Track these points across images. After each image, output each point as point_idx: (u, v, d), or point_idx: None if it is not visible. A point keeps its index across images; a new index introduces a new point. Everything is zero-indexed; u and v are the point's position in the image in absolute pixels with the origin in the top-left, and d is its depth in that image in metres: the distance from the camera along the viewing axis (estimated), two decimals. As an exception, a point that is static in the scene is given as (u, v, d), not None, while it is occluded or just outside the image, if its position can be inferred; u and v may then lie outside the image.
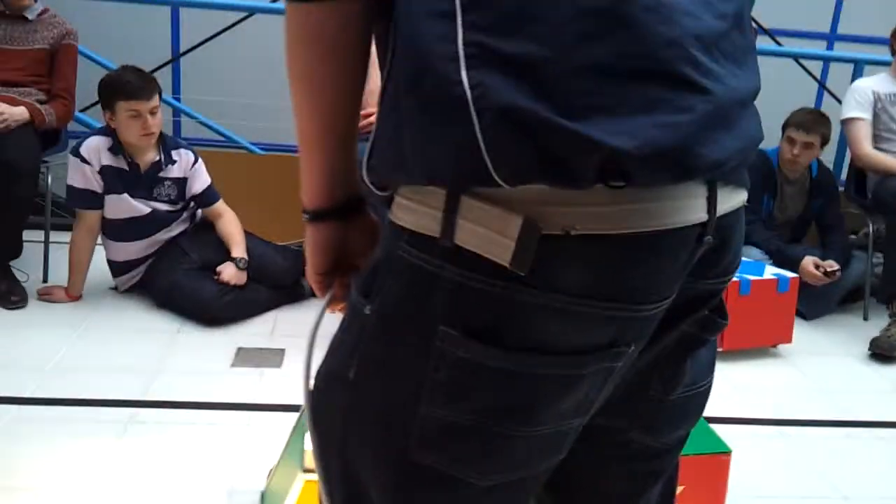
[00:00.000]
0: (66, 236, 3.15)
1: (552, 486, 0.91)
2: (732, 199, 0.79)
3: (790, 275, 3.14)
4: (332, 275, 0.91)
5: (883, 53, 4.09)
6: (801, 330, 3.28)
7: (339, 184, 0.87)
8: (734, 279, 2.94)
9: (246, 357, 2.76)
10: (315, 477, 1.44)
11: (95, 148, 3.06)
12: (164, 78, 3.93)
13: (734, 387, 2.84)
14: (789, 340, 3.16)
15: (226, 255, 3.17)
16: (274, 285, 3.20)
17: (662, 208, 0.70)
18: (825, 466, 2.33)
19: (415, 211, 0.73)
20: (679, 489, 1.57)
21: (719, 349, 2.97)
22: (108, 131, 3.08)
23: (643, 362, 0.82)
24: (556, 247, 0.68)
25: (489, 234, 0.68)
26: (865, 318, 3.64)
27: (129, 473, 2.01)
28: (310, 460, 1.51)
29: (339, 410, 0.79)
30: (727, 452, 1.64)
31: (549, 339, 0.71)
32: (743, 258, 3.32)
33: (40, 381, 2.48)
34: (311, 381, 0.86)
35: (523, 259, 0.68)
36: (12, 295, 3.04)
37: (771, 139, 3.63)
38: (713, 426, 2.47)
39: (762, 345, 3.16)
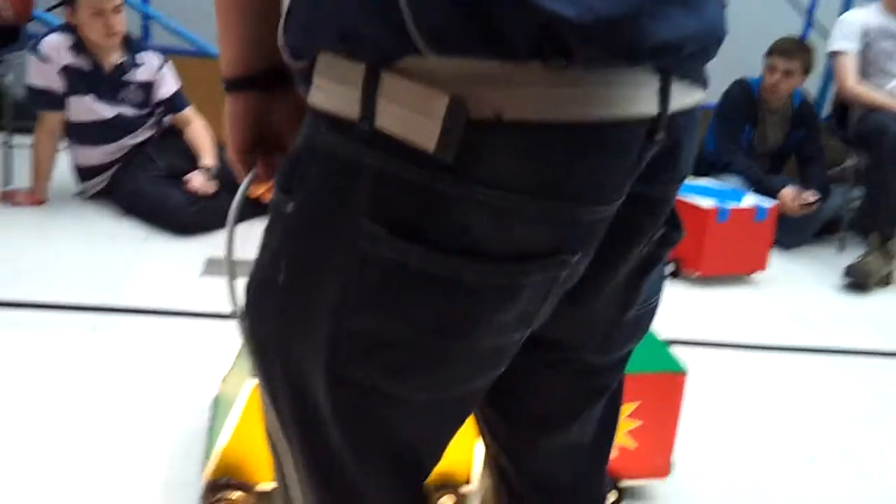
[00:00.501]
0: (28, 139, 3.02)
1: (491, 399, 0.86)
2: (688, 96, 0.70)
3: (768, 203, 3.12)
4: (253, 153, 0.83)
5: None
6: (776, 259, 3.29)
7: (259, 50, 0.78)
8: (713, 206, 2.94)
9: (215, 267, 2.69)
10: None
11: (56, 45, 2.92)
12: (131, -21, 3.75)
13: (706, 312, 2.84)
14: (764, 268, 3.16)
15: (194, 164, 3.07)
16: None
17: (608, 96, 0.62)
18: (786, 391, 2.35)
19: (332, 91, 0.65)
20: (633, 405, 1.61)
21: (696, 274, 3.00)
22: (69, 28, 2.93)
23: (606, 281, 0.76)
24: (486, 134, 0.60)
25: (412, 115, 0.61)
26: (841, 250, 3.65)
27: (91, 378, 1.95)
28: None
29: (272, 318, 0.73)
30: (682, 372, 1.64)
31: (482, 240, 0.64)
32: (722, 186, 3.32)
33: (5, 284, 2.40)
34: (237, 278, 0.81)
35: (448, 144, 0.60)
36: (-28, 198, 2.93)
37: (754, 69, 3.60)
38: (682, 348, 2.49)
39: (738, 272, 3.16)
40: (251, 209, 0.91)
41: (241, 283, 0.78)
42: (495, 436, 0.94)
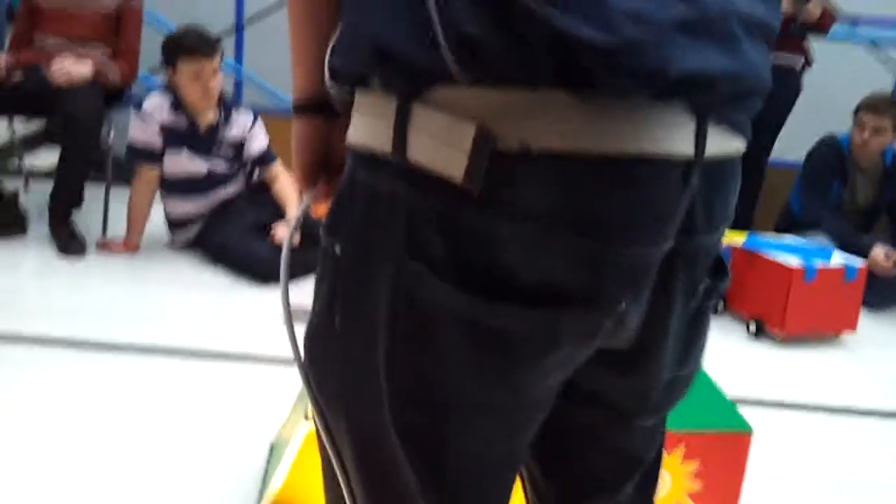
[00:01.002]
0: (125, 192, 3.19)
1: (540, 463, 0.85)
2: (726, 144, 0.67)
3: (858, 263, 3.02)
4: (316, 174, 0.84)
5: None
6: (865, 320, 3.16)
7: (320, 76, 0.78)
8: (799, 265, 2.87)
9: (296, 315, 2.75)
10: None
11: (157, 105, 3.09)
12: (227, 46, 3.96)
13: (790, 373, 2.74)
14: (854, 329, 3.04)
15: (280, 216, 3.18)
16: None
17: (639, 130, 0.60)
18: (874, 459, 2.23)
19: (365, 126, 0.66)
20: (694, 464, 1.56)
21: (779, 335, 2.91)
22: (169, 89, 3.11)
23: (657, 338, 0.72)
24: (514, 165, 0.59)
25: (440, 146, 0.60)
26: (936, 313, 3.49)
27: (173, 416, 2.02)
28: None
29: (332, 366, 0.73)
30: (748, 432, 1.58)
31: (515, 278, 0.62)
32: (809, 244, 3.23)
33: (100, 328, 2.51)
34: (293, 324, 0.82)
35: (475, 174, 0.59)
36: (73, 244, 3.09)
37: (843, 126, 3.53)
38: (764, 410, 2.41)
39: (825, 332, 3.05)
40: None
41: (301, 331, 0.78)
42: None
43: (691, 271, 0.71)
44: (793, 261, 2.92)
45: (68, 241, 3.10)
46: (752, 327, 3.00)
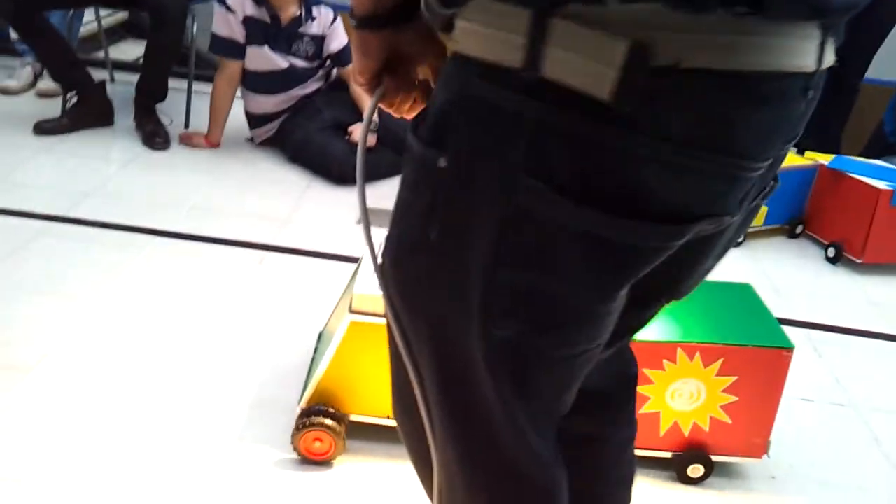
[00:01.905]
0: (207, 87, 3.24)
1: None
2: (832, 53, 0.67)
3: (951, 190, 2.89)
4: (380, 77, 0.81)
5: None
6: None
7: None
8: (888, 187, 2.76)
9: (373, 216, 2.79)
10: (361, 318, 1.51)
11: (240, -2, 3.09)
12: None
13: (867, 301, 2.69)
14: (938, 259, 2.94)
15: (357, 116, 3.19)
16: (400, 150, 3.20)
17: (783, 47, 0.60)
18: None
19: (489, 37, 0.62)
20: (731, 379, 1.58)
21: (858, 260, 2.84)
22: (252, -19, 3.10)
23: (723, 230, 0.74)
24: (664, 82, 0.58)
25: (586, 62, 0.57)
26: None
27: (251, 304, 2.13)
28: (358, 303, 1.54)
29: (421, 276, 0.72)
30: (789, 348, 1.58)
31: (647, 199, 0.61)
32: (898, 166, 3.05)
33: (180, 218, 2.61)
34: (368, 216, 0.82)
35: (626, 93, 0.57)
36: (157, 136, 3.18)
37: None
38: (842, 336, 2.38)
39: (907, 261, 2.96)
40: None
41: (380, 233, 0.78)
42: None
43: (770, 174, 0.73)
44: (880, 183, 2.82)
45: (153, 134, 3.18)
46: (831, 252, 2.93)
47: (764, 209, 2.92)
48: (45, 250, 2.31)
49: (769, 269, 2.81)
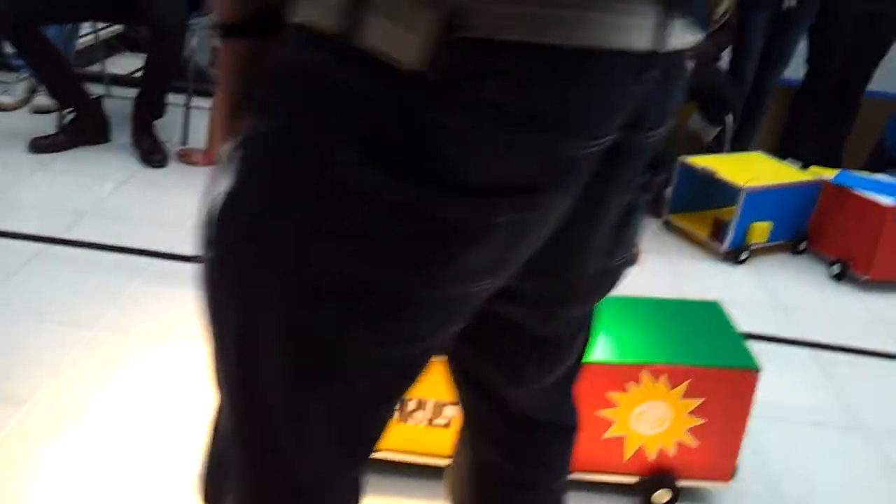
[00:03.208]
0: (206, 102, 3.20)
1: (465, 345, 0.86)
2: (684, 37, 0.66)
3: (956, 206, 2.88)
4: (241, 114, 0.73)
5: None
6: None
7: None
8: (892, 204, 2.74)
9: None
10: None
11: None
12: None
13: (873, 319, 2.66)
14: (945, 276, 2.92)
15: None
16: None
17: (607, 22, 0.58)
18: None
19: (312, 1, 0.61)
20: (697, 401, 1.55)
21: (864, 277, 2.82)
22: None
23: (583, 231, 0.73)
24: (478, 54, 0.56)
25: (398, 29, 0.56)
26: None
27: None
28: None
29: (236, 246, 0.68)
30: (755, 369, 1.55)
31: (459, 171, 0.59)
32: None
33: (180, 239, 2.57)
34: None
35: (435, 61, 0.56)
36: (154, 153, 3.14)
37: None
38: (850, 356, 2.36)
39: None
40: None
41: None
42: (471, 380, 0.93)
43: (630, 166, 0.71)
44: (886, 199, 2.80)
45: (151, 151, 3.14)
46: (836, 269, 2.91)
47: (768, 225, 2.90)
48: (41, 274, 2.27)
49: (773, 287, 2.79)
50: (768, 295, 2.72)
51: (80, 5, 3.10)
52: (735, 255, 2.91)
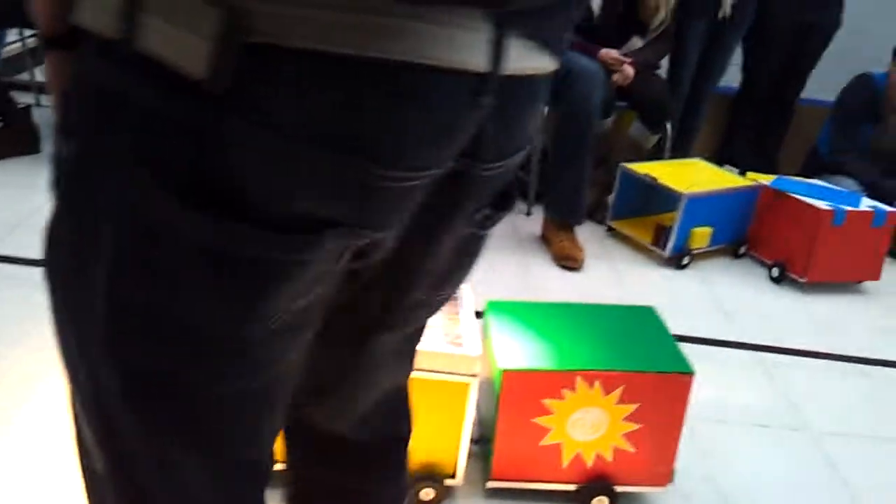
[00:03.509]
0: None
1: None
2: (530, 60, 0.60)
3: (888, 209, 2.96)
4: None
5: None
6: (890, 268, 3.12)
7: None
8: (828, 207, 2.80)
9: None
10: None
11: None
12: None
13: (811, 320, 2.72)
14: (877, 277, 3.00)
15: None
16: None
17: (423, 33, 0.51)
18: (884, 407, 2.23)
19: (91, 4, 0.54)
20: (632, 407, 1.55)
21: (801, 280, 2.87)
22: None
23: (415, 261, 0.68)
24: (267, 62, 0.49)
25: (178, 33, 0.49)
26: (960, 262, 3.45)
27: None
28: None
29: (59, 276, 0.63)
30: (689, 373, 1.56)
31: (255, 195, 0.52)
32: (837, 188, 3.16)
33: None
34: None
35: (220, 70, 0.49)
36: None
37: (880, 64, 3.41)
38: (792, 357, 2.40)
39: (848, 279, 3.01)
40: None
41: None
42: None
43: (469, 198, 0.65)
44: (821, 203, 2.86)
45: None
46: (775, 272, 2.97)
47: (708, 230, 2.94)
48: (-33, 290, 2.17)
49: (715, 291, 2.82)
50: (711, 298, 2.75)
51: (4, 12, 2.99)
52: (677, 260, 2.94)
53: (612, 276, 2.81)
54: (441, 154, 0.57)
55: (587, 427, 1.57)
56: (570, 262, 2.79)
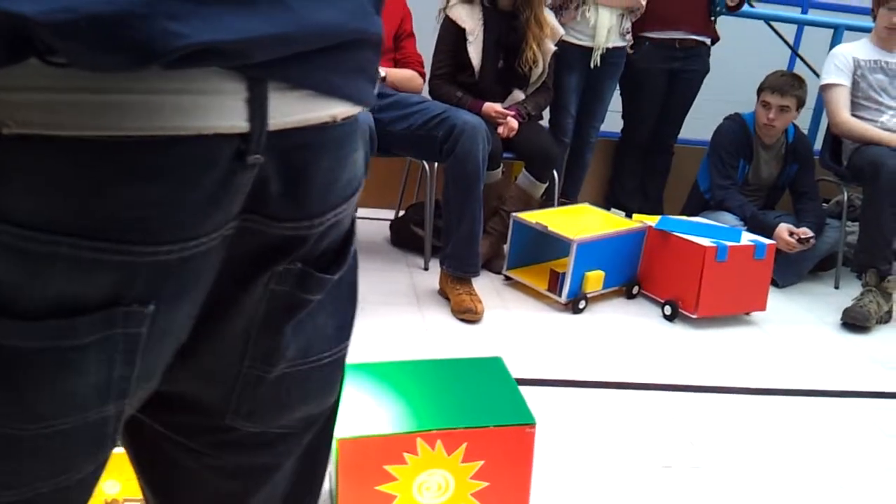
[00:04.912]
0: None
1: (152, 486, 0.76)
2: (305, 110, 0.58)
3: (767, 241, 3.09)
4: None
5: (860, 20, 4.04)
6: (773, 297, 3.25)
7: None
8: (711, 244, 2.90)
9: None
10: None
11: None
12: None
13: (705, 355, 2.79)
14: (764, 308, 3.11)
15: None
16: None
17: (152, 103, 0.50)
18: (789, 435, 2.29)
19: None
20: (477, 465, 1.53)
21: (693, 316, 2.95)
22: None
23: (228, 329, 0.65)
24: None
25: None
26: (836, 287, 3.63)
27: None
28: None
29: None
30: (531, 424, 1.53)
31: (9, 291, 0.51)
32: (718, 223, 3.28)
33: None
34: None
35: None
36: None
37: (747, 104, 3.60)
38: (688, 394, 2.44)
39: (737, 312, 3.12)
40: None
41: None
42: None
43: (271, 260, 0.62)
44: (704, 240, 2.96)
45: None
46: (668, 310, 3.04)
47: (601, 274, 3.00)
48: None
49: (613, 332, 2.87)
50: (608, 340, 2.79)
51: None
52: (574, 305, 2.98)
53: (510, 325, 2.82)
54: (208, 221, 0.56)
55: (434, 490, 1.52)
56: (469, 314, 2.78)
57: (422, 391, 1.60)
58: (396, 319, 2.72)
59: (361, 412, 1.51)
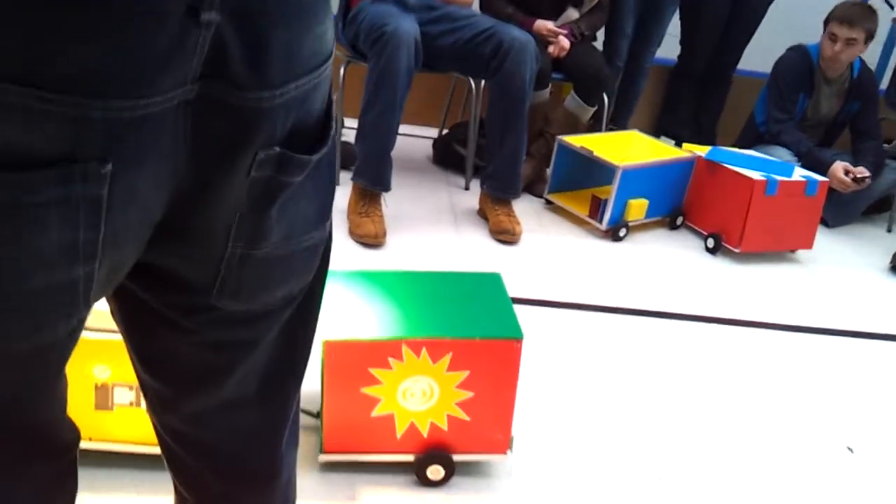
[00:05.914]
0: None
1: (139, 354, 0.79)
2: None
3: (820, 178, 2.99)
4: None
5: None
6: (821, 237, 3.16)
7: None
8: (761, 178, 2.82)
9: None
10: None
11: None
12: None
13: (746, 290, 2.74)
14: (810, 246, 3.03)
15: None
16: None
17: None
18: (824, 375, 2.26)
19: None
20: (463, 374, 1.53)
21: (736, 250, 2.89)
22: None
23: (212, 216, 0.65)
24: None
25: None
26: (889, 230, 3.52)
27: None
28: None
29: None
30: (518, 338, 1.53)
31: None
32: (771, 157, 3.18)
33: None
34: None
35: None
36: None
37: (813, 35, 3.44)
38: (723, 326, 2.41)
39: (782, 249, 3.04)
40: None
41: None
42: (160, 403, 0.83)
43: (233, 132, 0.61)
44: (754, 174, 2.88)
45: None
46: (710, 242, 2.98)
47: (644, 202, 2.94)
48: None
49: (651, 262, 2.82)
50: (647, 270, 2.75)
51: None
52: (614, 232, 2.93)
53: (549, 248, 2.80)
54: (161, 80, 0.55)
55: (419, 396, 1.54)
56: (506, 235, 2.76)
57: (415, 300, 1.61)
58: (433, 238, 2.71)
59: (350, 316, 1.54)
